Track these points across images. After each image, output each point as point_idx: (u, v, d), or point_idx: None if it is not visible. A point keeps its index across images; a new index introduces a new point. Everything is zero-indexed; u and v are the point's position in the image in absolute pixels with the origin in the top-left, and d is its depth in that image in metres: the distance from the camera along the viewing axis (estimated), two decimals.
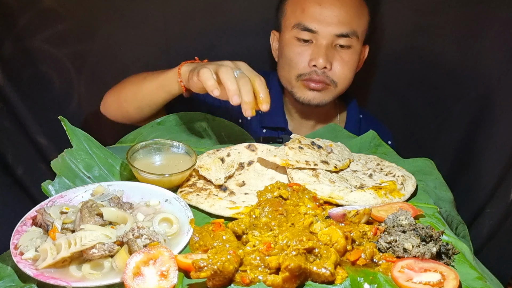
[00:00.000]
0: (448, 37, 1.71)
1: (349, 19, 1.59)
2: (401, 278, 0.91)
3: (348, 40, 1.61)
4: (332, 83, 1.63)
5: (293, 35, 1.62)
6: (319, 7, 1.58)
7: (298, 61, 1.63)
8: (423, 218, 1.13)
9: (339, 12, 1.58)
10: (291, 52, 1.64)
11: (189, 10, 1.79)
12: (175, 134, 1.50)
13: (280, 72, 1.71)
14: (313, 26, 1.58)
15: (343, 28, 1.59)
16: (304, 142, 1.32)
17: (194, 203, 1.16)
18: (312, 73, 1.61)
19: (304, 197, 1.13)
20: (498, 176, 1.58)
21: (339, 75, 1.63)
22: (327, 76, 1.62)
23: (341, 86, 1.66)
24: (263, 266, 0.93)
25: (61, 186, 1.20)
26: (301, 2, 1.62)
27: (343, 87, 1.67)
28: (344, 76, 1.64)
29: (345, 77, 1.65)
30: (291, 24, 1.63)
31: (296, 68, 1.63)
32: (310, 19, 1.59)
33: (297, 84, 1.65)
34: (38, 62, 1.73)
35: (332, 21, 1.58)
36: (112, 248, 0.95)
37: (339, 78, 1.63)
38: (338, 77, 1.63)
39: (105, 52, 1.79)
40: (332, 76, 1.62)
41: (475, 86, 1.70)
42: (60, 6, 1.67)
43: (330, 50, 1.60)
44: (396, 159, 1.41)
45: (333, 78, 1.63)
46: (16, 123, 1.70)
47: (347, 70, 1.64)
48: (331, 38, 1.59)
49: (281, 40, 1.70)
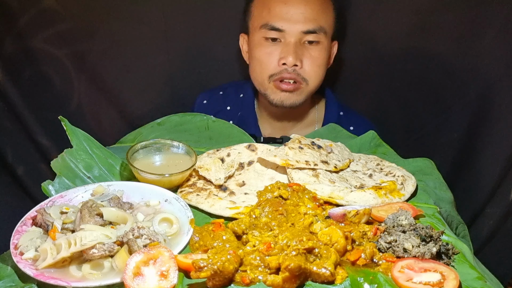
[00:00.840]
0: (448, 37, 1.70)
1: (315, 16, 1.60)
2: (401, 278, 0.91)
3: (316, 36, 1.61)
4: (303, 81, 1.63)
5: (261, 36, 1.63)
6: (285, 6, 1.60)
7: (268, 61, 1.63)
8: (423, 218, 1.13)
9: (304, 10, 1.59)
10: (261, 52, 1.64)
11: (189, 10, 1.79)
12: (175, 134, 1.50)
13: (252, 75, 1.72)
14: (280, 25, 1.59)
15: (310, 24, 1.60)
16: (304, 142, 1.32)
17: (194, 203, 1.16)
18: (283, 71, 1.61)
19: (304, 197, 1.13)
20: (498, 176, 1.58)
21: (309, 72, 1.63)
22: (298, 74, 1.62)
23: (313, 83, 1.66)
24: (263, 266, 0.93)
25: (61, 186, 1.20)
26: (267, 2, 1.63)
27: (315, 85, 1.68)
28: (314, 73, 1.65)
29: (316, 74, 1.65)
30: (258, 25, 1.64)
31: (267, 68, 1.63)
32: (277, 18, 1.60)
33: (269, 85, 1.65)
34: (38, 62, 1.73)
35: (299, 18, 1.59)
36: (112, 248, 0.95)
37: (310, 75, 1.64)
38: (309, 75, 1.64)
39: (105, 52, 1.79)
40: (303, 73, 1.63)
41: (475, 86, 1.69)
42: (60, 6, 1.67)
43: (299, 48, 1.61)
44: (396, 159, 1.41)
45: (304, 75, 1.63)
46: (16, 123, 1.70)
47: (317, 67, 1.64)
48: (299, 36, 1.60)
49: (250, 42, 1.71)
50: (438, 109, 1.83)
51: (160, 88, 1.91)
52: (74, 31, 1.73)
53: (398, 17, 1.75)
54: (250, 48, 1.71)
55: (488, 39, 1.62)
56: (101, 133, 1.79)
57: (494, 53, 1.61)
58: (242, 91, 1.85)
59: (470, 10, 1.64)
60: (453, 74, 1.74)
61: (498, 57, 1.60)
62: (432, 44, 1.74)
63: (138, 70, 1.85)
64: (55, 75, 1.77)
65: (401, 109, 1.91)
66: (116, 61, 1.82)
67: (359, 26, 1.81)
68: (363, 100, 1.95)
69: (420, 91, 1.84)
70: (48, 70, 1.75)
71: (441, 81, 1.78)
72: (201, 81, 1.92)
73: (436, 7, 1.68)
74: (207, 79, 1.93)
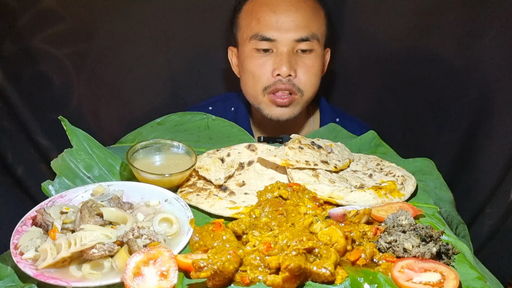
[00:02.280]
0: (448, 37, 1.70)
1: (307, 23, 1.56)
2: (401, 278, 0.91)
3: (309, 44, 1.57)
4: (298, 92, 1.58)
5: (252, 47, 1.58)
6: (275, 15, 1.54)
7: (260, 73, 1.57)
8: (423, 218, 1.13)
9: (295, 17, 1.54)
10: (252, 64, 1.58)
11: (189, 10, 1.79)
12: (175, 134, 1.50)
13: (244, 88, 1.66)
14: (271, 34, 1.54)
15: (302, 32, 1.55)
16: (304, 142, 1.32)
17: (194, 203, 1.16)
18: (277, 82, 1.56)
19: (304, 197, 1.13)
20: (498, 176, 1.58)
21: (304, 82, 1.58)
22: (294, 84, 1.56)
23: (308, 93, 1.61)
24: (263, 266, 0.93)
25: (61, 186, 1.21)
26: (255, 12, 1.58)
27: (310, 95, 1.63)
28: (310, 82, 1.60)
29: (311, 83, 1.60)
30: (248, 36, 1.58)
31: (260, 80, 1.58)
32: (267, 28, 1.54)
33: (263, 99, 1.60)
34: (38, 62, 1.73)
35: (290, 26, 1.54)
36: (112, 248, 0.95)
37: (305, 85, 1.59)
38: (304, 84, 1.58)
39: (105, 52, 1.79)
40: (298, 83, 1.57)
41: (475, 86, 1.69)
42: (60, 6, 1.67)
43: (292, 57, 1.55)
44: (396, 159, 1.41)
45: (299, 86, 1.57)
46: (16, 123, 1.70)
47: (312, 76, 1.59)
48: (292, 44, 1.55)
49: (240, 55, 1.65)
50: (438, 109, 1.83)
51: (160, 88, 1.90)
52: (74, 31, 1.72)
53: (398, 17, 1.75)
54: (241, 61, 1.65)
55: (488, 39, 1.62)
56: (101, 133, 1.79)
57: (494, 53, 1.61)
58: (233, 105, 1.80)
59: (470, 10, 1.64)
60: (453, 74, 1.74)
61: (498, 57, 1.60)
62: (432, 44, 1.74)
63: (138, 70, 1.85)
64: (55, 75, 1.76)
65: (401, 109, 1.91)
66: (116, 61, 1.82)
67: (359, 27, 1.81)
68: (363, 100, 1.95)
69: (420, 91, 1.84)
70: (48, 70, 1.75)
71: (441, 81, 1.78)
72: (201, 81, 1.92)
73: (436, 7, 1.68)
74: (207, 79, 1.93)
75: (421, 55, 1.78)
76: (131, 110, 1.90)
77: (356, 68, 1.89)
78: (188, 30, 1.82)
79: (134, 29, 1.78)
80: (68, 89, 1.80)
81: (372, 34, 1.80)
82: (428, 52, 1.76)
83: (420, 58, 1.78)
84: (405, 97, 1.88)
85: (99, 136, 1.34)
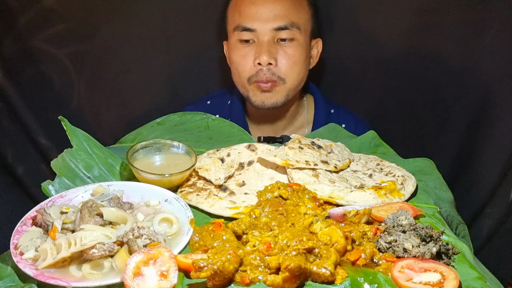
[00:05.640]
0: (448, 37, 1.70)
1: (285, 12, 1.60)
2: (401, 278, 0.91)
3: (289, 32, 1.60)
4: (279, 80, 1.62)
5: (236, 39, 1.63)
6: (254, 6, 1.60)
7: (244, 63, 1.63)
8: (423, 218, 1.13)
9: (274, 7, 1.59)
10: (236, 55, 1.64)
11: (189, 10, 1.79)
12: (175, 134, 1.50)
13: (234, 79, 1.72)
14: (251, 24, 1.59)
15: (280, 21, 1.59)
16: (304, 142, 1.32)
17: (194, 203, 1.16)
18: (258, 72, 1.60)
19: (304, 197, 1.13)
20: (498, 176, 1.57)
21: (285, 71, 1.61)
22: (273, 73, 1.60)
23: (291, 81, 1.64)
24: (263, 266, 0.93)
25: (61, 186, 1.21)
26: (238, 5, 1.64)
27: (293, 83, 1.65)
28: (291, 70, 1.62)
29: (293, 71, 1.63)
30: (231, 28, 1.65)
31: (244, 70, 1.63)
32: (247, 19, 1.60)
33: (250, 88, 1.65)
34: (38, 62, 1.73)
35: (268, 16, 1.59)
36: (112, 248, 0.95)
37: (285, 73, 1.62)
38: (285, 73, 1.62)
39: (105, 52, 1.79)
40: (279, 72, 1.61)
41: (475, 86, 1.69)
42: (60, 6, 1.67)
43: (273, 46, 1.60)
44: (396, 159, 1.41)
45: (279, 74, 1.61)
46: (16, 123, 1.70)
47: (293, 64, 1.62)
48: (271, 34, 1.59)
49: (228, 47, 1.71)
50: (438, 109, 1.83)
51: (160, 88, 1.91)
52: (74, 31, 1.72)
53: (398, 17, 1.75)
54: (228, 53, 1.71)
55: (488, 39, 1.62)
56: (101, 133, 1.79)
57: (494, 53, 1.61)
58: (230, 98, 1.84)
59: (470, 10, 1.64)
60: (453, 74, 1.74)
61: (498, 57, 1.60)
62: (432, 44, 1.74)
63: (138, 70, 1.85)
64: (55, 75, 1.77)
65: (401, 109, 1.91)
66: (116, 61, 1.82)
67: (359, 26, 1.81)
68: (363, 100, 1.95)
69: (420, 91, 1.84)
70: (48, 70, 1.75)
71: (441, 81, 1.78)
72: (201, 81, 1.92)
73: (436, 7, 1.68)
74: (207, 79, 1.93)
75: (421, 55, 1.78)
76: (131, 110, 1.90)
77: (356, 68, 1.89)
78: (188, 30, 1.82)
79: (134, 29, 1.79)
80: (68, 89, 1.80)
81: (372, 33, 1.80)
82: (428, 52, 1.76)
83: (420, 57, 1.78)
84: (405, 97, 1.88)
85: (99, 136, 1.34)
